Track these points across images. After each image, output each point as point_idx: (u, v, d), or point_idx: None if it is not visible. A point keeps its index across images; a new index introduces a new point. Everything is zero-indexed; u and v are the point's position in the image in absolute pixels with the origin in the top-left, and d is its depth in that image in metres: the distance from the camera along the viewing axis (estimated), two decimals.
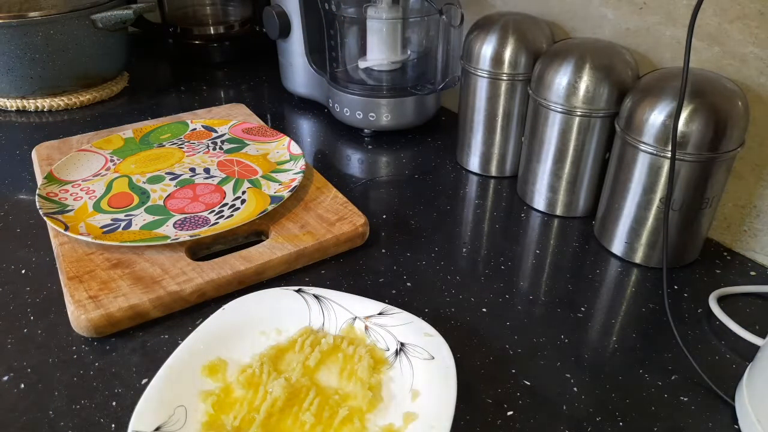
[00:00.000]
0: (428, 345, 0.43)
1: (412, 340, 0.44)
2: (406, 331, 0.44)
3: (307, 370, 0.43)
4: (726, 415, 0.41)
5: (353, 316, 0.46)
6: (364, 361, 0.42)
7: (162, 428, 0.37)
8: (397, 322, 0.45)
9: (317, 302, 0.47)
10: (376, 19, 0.75)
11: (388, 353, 0.44)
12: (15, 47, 0.82)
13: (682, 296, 0.52)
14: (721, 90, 0.48)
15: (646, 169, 0.51)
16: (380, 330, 0.45)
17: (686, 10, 0.56)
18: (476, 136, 0.69)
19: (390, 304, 0.46)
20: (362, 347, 0.44)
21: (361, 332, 0.46)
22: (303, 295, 0.47)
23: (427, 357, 0.42)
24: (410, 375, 0.42)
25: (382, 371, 0.43)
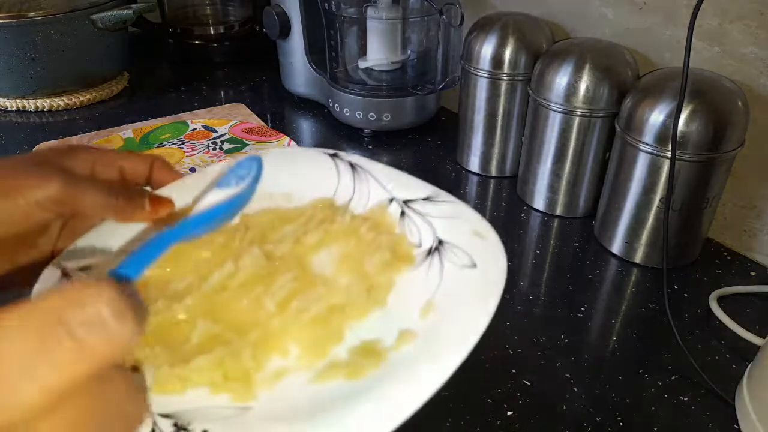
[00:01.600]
0: (475, 248, 0.31)
1: (455, 238, 0.32)
2: (450, 226, 0.33)
3: (298, 247, 0.33)
4: (726, 415, 0.41)
5: (390, 197, 0.35)
6: (378, 252, 0.32)
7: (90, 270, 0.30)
8: (445, 213, 0.34)
9: (350, 172, 0.36)
10: (376, 19, 0.75)
11: (419, 250, 0.33)
12: (15, 47, 0.82)
13: (682, 296, 0.52)
14: (721, 90, 0.48)
15: (646, 169, 0.51)
16: (419, 219, 0.34)
17: (686, 10, 0.55)
18: (476, 136, 0.69)
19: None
20: (386, 236, 0.33)
21: (393, 217, 0.35)
22: (336, 161, 0.37)
23: (467, 264, 0.30)
24: (436, 282, 0.31)
25: (401, 271, 0.32)
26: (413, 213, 0.34)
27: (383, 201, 0.35)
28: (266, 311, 0.29)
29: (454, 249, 0.32)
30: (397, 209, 0.35)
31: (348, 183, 0.36)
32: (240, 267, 0.31)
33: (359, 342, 0.28)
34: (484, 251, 0.30)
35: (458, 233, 0.32)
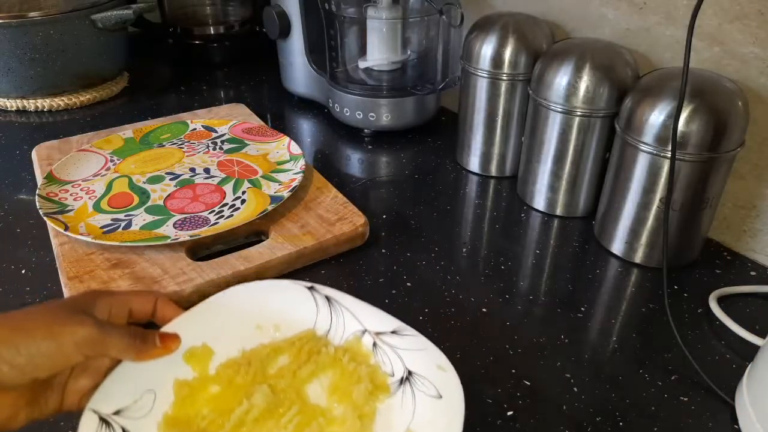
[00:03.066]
0: (439, 380, 0.37)
1: (422, 370, 0.38)
2: (417, 359, 0.39)
3: (296, 381, 0.38)
4: (726, 415, 0.41)
5: (363, 329, 0.41)
6: (362, 383, 0.38)
7: (122, 412, 0.34)
8: (410, 345, 0.40)
9: (327, 305, 0.42)
10: (376, 19, 0.75)
11: (392, 380, 0.39)
12: (15, 47, 0.82)
13: (682, 296, 0.52)
14: (721, 90, 0.48)
15: (646, 169, 0.51)
16: (389, 351, 0.40)
17: (686, 10, 0.56)
18: (476, 136, 0.69)
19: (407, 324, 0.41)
20: (364, 366, 0.39)
21: (367, 348, 0.40)
22: (314, 293, 0.42)
23: (435, 395, 0.37)
24: (411, 411, 0.37)
25: (381, 399, 0.38)
26: (384, 344, 0.40)
27: (357, 332, 0.41)
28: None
29: (422, 380, 0.38)
30: (369, 340, 0.41)
31: (325, 314, 0.42)
32: (253, 404, 0.36)
33: None
34: (446, 383, 0.37)
35: (424, 365, 0.38)
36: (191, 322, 0.38)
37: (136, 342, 0.34)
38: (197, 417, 0.36)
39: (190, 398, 0.36)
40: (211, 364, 0.38)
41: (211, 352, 0.39)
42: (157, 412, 0.35)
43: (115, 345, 0.33)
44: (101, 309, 0.34)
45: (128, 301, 0.36)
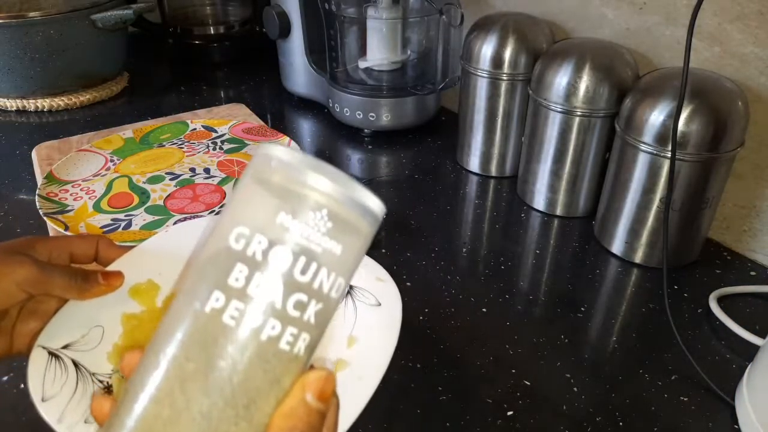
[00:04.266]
0: (378, 290, 0.40)
1: (362, 282, 0.41)
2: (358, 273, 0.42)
3: None
4: (726, 415, 0.41)
5: None
6: None
7: (71, 346, 0.34)
8: None
9: None
10: (376, 19, 0.75)
11: None
12: (15, 47, 0.82)
13: (682, 296, 0.52)
14: (721, 90, 0.48)
15: (646, 169, 0.51)
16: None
17: (686, 10, 0.55)
18: (476, 136, 0.69)
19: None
20: None
21: None
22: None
23: (374, 303, 0.40)
24: (353, 320, 0.39)
25: None
26: None
27: None
28: None
29: (362, 291, 0.41)
30: None
31: None
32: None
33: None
34: (385, 292, 0.40)
35: (364, 278, 0.41)
36: (134, 261, 0.38)
37: (78, 280, 0.34)
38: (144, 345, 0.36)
39: (139, 329, 0.36)
40: (158, 299, 0.38)
41: (156, 287, 0.39)
42: (107, 344, 0.35)
43: (57, 283, 0.33)
44: (41, 252, 0.34)
45: (68, 245, 0.36)
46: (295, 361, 0.22)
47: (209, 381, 0.20)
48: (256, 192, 0.22)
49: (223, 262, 0.21)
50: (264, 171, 0.22)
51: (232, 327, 0.20)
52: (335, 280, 0.22)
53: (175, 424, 0.20)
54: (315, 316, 0.22)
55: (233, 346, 0.21)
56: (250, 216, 0.21)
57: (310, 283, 0.21)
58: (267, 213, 0.21)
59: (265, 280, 0.21)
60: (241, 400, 0.21)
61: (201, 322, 0.21)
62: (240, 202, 0.22)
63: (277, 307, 0.21)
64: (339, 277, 0.22)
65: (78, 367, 0.34)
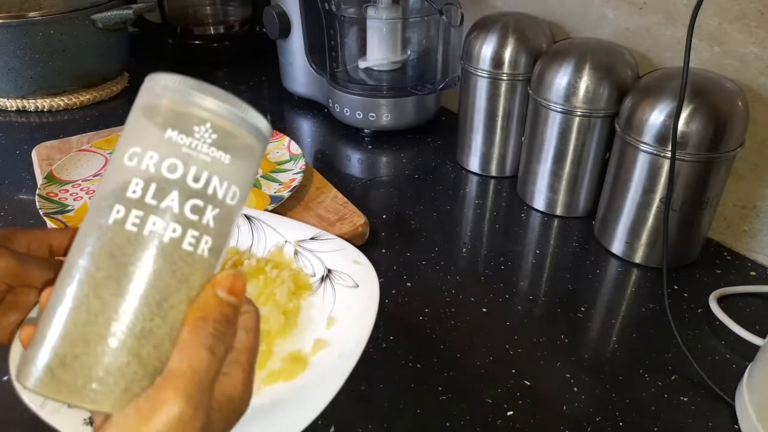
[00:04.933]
0: (355, 273, 0.41)
1: (340, 267, 0.42)
2: (335, 258, 0.43)
3: None
4: (726, 415, 0.41)
5: (284, 240, 0.45)
6: (284, 285, 0.41)
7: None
8: (329, 248, 0.44)
9: (247, 222, 0.45)
10: (376, 19, 0.75)
11: (314, 279, 0.42)
12: (15, 47, 0.81)
13: (682, 296, 0.52)
14: (721, 90, 0.48)
15: (646, 169, 0.51)
16: (309, 255, 0.44)
17: (686, 10, 0.55)
18: (476, 136, 0.69)
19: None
20: (286, 271, 0.42)
21: (289, 256, 0.44)
22: None
23: (352, 285, 0.41)
24: (332, 302, 0.41)
25: (304, 297, 0.41)
26: (304, 251, 0.44)
27: (279, 244, 0.45)
28: None
29: (340, 275, 0.42)
30: (291, 249, 0.44)
31: (246, 232, 0.45)
32: None
33: (286, 353, 0.37)
34: (363, 274, 0.41)
35: (343, 262, 0.42)
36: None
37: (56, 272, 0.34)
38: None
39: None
40: None
41: None
42: None
43: (36, 274, 0.32)
44: (19, 243, 0.34)
45: (47, 237, 0.35)
46: (201, 262, 0.24)
47: (121, 284, 0.22)
48: (145, 117, 0.24)
49: (121, 180, 0.23)
50: (150, 97, 0.24)
51: (135, 233, 0.22)
52: (228, 187, 0.24)
53: (93, 325, 0.22)
54: (214, 221, 0.24)
55: (139, 250, 0.22)
56: (140, 137, 0.23)
57: (203, 189, 0.23)
58: (156, 132, 0.23)
59: (160, 189, 0.23)
60: (154, 299, 0.22)
61: (106, 234, 0.23)
62: (131, 129, 0.24)
63: (175, 211, 0.23)
64: (233, 186, 0.24)
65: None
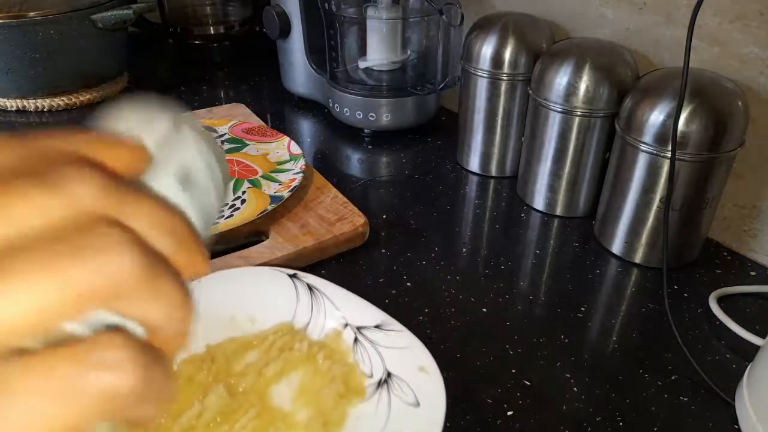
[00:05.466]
0: (419, 385, 0.34)
1: (402, 372, 0.35)
2: (399, 358, 0.36)
3: (261, 380, 0.34)
4: (726, 415, 0.41)
5: (344, 323, 0.38)
6: (333, 385, 0.34)
7: None
8: (393, 342, 0.36)
9: (309, 294, 0.39)
10: (376, 19, 0.75)
11: (369, 382, 0.35)
12: (15, 47, 0.81)
13: (682, 296, 0.52)
14: (721, 90, 0.48)
15: (646, 169, 0.51)
16: (370, 348, 0.37)
17: (686, 10, 0.55)
18: (476, 136, 0.69)
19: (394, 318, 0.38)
20: (340, 366, 0.36)
21: (347, 345, 0.37)
22: (296, 281, 0.39)
23: (412, 402, 0.33)
24: (384, 419, 0.33)
25: (353, 403, 0.34)
26: (365, 340, 0.37)
27: (338, 326, 0.38)
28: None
29: (401, 383, 0.34)
30: (350, 335, 0.37)
31: (306, 305, 0.38)
32: (206, 406, 0.32)
33: None
34: (427, 389, 0.33)
35: (407, 365, 0.35)
36: None
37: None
38: None
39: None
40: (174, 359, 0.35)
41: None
42: None
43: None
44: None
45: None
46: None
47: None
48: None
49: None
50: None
51: None
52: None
53: None
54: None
55: None
56: None
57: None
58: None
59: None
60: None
61: None
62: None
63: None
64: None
65: None
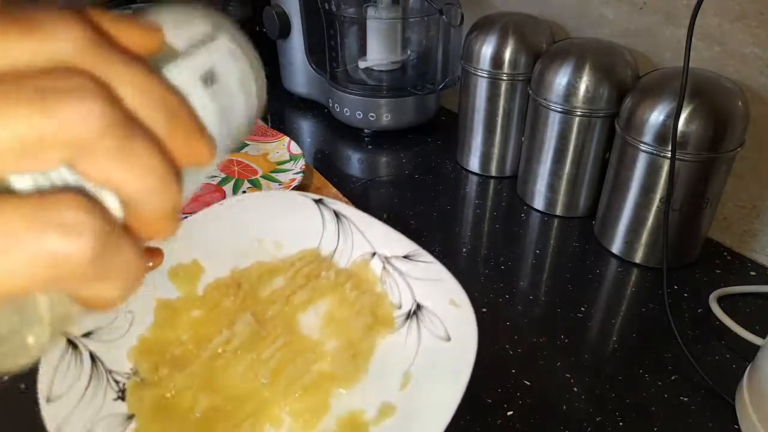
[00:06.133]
0: (450, 319, 0.32)
1: (432, 305, 0.33)
2: (430, 290, 0.34)
3: (288, 308, 0.33)
4: (726, 415, 0.41)
5: (372, 251, 0.36)
6: (362, 316, 0.33)
7: (94, 334, 0.29)
8: (424, 274, 0.35)
9: (335, 221, 0.37)
10: (375, 19, 0.75)
11: (398, 313, 0.34)
12: None
13: (682, 296, 0.52)
14: (721, 90, 0.48)
15: (646, 169, 0.51)
16: (399, 278, 0.35)
17: (686, 10, 0.55)
18: (476, 136, 0.69)
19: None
20: (368, 295, 0.34)
21: (375, 273, 0.36)
22: (321, 207, 0.37)
23: (443, 335, 0.32)
24: (414, 351, 0.32)
25: (382, 334, 0.33)
26: (394, 270, 0.36)
27: (366, 255, 0.36)
28: (260, 381, 0.30)
29: (431, 316, 0.33)
30: (378, 265, 0.36)
31: (333, 232, 0.37)
32: (235, 333, 0.31)
33: (345, 412, 0.29)
34: (458, 323, 0.32)
35: (436, 299, 0.33)
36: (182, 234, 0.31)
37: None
38: (173, 343, 0.31)
39: (171, 321, 0.32)
40: (199, 284, 0.33)
41: (200, 269, 0.34)
42: (132, 335, 0.31)
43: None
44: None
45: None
46: None
47: None
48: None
49: None
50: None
51: None
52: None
53: None
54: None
55: None
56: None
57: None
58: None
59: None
60: None
61: None
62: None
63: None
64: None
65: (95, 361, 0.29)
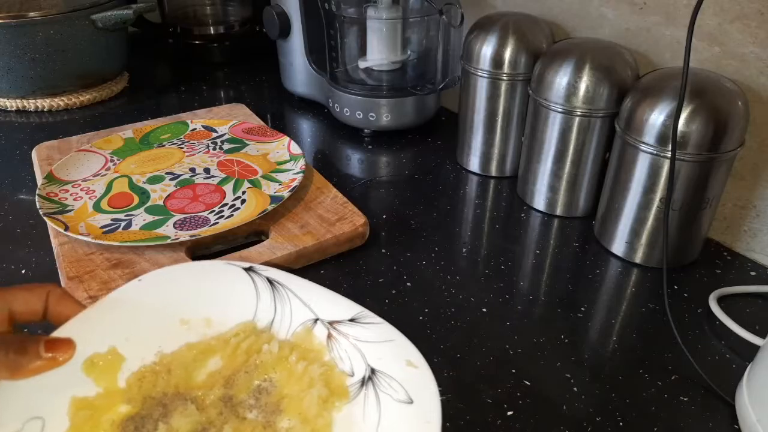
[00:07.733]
0: (409, 380, 0.30)
1: (387, 367, 0.31)
2: (382, 352, 0.32)
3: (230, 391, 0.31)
4: (726, 415, 0.41)
5: (314, 317, 0.34)
6: (314, 388, 0.30)
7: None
8: (373, 336, 0.32)
9: (270, 289, 0.34)
10: (376, 19, 0.75)
11: (352, 381, 0.31)
12: (15, 47, 0.81)
13: (682, 296, 0.52)
14: (721, 90, 0.48)
15: (646, 169, 0.51)
16: (347, 344, 0.32)
17: (686, 10, 0.56)
18: (476, 136, 0.69)
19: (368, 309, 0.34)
20: (317, 365, 0.32)
21: (320, 342, 0.33)
22: (253, 275, 0.35)
23: (404, 399, 0.29)
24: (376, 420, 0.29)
25: (338, 407, 0.31)
26: (340, 336, 0.33)
27: (308, 322, 0.33)
28: None
29: (388, 380, 0.30)
30: (323, 331, 0.33)
31: (268, 302, 0.34)
32: (173, 427, 0.28)
33: None
34: (417, 384, 0.29)
35: (391, 360, 0.31)
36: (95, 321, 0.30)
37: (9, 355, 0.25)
38: None
39: (92, 422, 0.28)
40: (120, 375, 0.30)
41: (120, 359, 0.30)
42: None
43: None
44: None
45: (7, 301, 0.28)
46: None
47: None
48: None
49: None
50: None
51: None
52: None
53: None
54: None
55: None
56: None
57: None
58: None
59: None
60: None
61: None
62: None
63: None
64: None
65: None
